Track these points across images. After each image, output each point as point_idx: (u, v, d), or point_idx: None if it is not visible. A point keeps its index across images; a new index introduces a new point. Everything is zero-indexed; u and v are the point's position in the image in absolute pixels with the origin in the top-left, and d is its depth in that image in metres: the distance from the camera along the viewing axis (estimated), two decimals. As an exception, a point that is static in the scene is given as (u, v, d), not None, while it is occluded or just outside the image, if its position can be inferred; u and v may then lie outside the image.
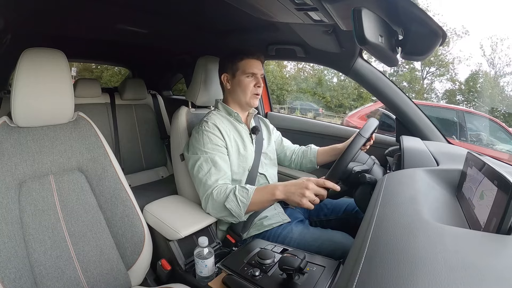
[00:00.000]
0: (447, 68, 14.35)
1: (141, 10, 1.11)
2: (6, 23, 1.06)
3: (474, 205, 0.44)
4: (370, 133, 0.90)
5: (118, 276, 0.78)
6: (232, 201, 0.85)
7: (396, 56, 0.68)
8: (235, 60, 1.03)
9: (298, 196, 0.79)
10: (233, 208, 0.85)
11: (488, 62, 14.16)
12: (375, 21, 0.56)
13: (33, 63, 0.72)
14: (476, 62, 17.96)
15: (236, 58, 1.03)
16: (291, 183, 0.82)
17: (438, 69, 14.50)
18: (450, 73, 14.43)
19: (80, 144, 0.82)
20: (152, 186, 1.76)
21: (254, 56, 1.03)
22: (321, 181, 0.79)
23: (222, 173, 0.92)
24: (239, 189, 0.86)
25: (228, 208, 0.85)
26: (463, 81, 14.06)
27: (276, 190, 0.82)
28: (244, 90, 1.02)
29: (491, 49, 14.02)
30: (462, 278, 0.27)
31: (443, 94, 14.63)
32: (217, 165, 0.91)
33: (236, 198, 0.84)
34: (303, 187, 0.78)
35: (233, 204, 0.85)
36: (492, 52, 13.98)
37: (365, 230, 0.43)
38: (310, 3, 0.71)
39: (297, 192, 0.79)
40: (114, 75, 12.20)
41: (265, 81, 1.72)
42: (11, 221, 0.67)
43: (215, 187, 0.88)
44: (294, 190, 0.80)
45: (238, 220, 0.89)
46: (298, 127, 1.55)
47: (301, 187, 0.79)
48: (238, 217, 0.86)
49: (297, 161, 1.23)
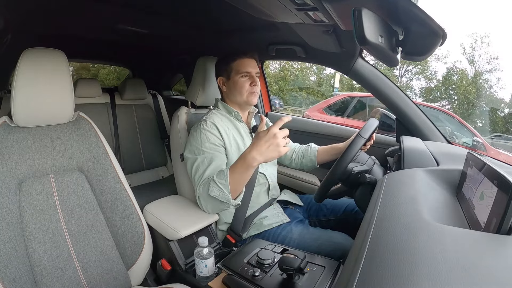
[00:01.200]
0: (425, 66, 14.76)
1: (141, 10, 1.11)
2: (6, 23, 1.06)
3: (474, 205, 0.44)
4: (370, 133, 0.90)
5: (118, 276, 0.78)
6: (214, 187, 0.84)
7: (396, 56, 0.68)
8: (228, 62, 1.03)
9: (274, 148, 0.76)
10: (217, 194, 0.84)
11: (468, 60, 14.46)
12: (375, 21, 0.56)
13: (33, 63, 0.72)
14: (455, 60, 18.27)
15: (229, 60, 1.03)
16: (258, 142, 0.78)
17: (416, 66, 14.90)
18: (429, 71, 14.92)
19: (80, 144, 0.82)
20: (152, 186, 1.77)
21: (247, 55, 1.03)
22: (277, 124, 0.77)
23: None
24: (216, 174, 0.85)
25: (213, 196, 0.84)
26: (440, 78, 14.58)
27: (249, 157, 0.78)
28: (240, 90, 1.01)
29: (471, 47, 14.36)
30: (462, 278, 0.27)
31: (419, 91, 15.26)
32: (213, 165, 0.91)
33: (216, 183, 0.84)
34: (271, 139, 0.76)
35: (216, 191, 0.84)
36: (472, 50, 14.31)
37: (365, 230, 0.43)
38: (310, 3, 0.71)
39: (270, 147, 0.76)
40: (110, 73, 12.42)
41: (265, 81, 1.72)
42: (11, 221, 0.67)
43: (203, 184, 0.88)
44: (266, 147, 0.76)
45: (231, 206, 0.86)
46: (298, 127, 1.55)
47: (269, 140, 0.76)
48: (228, 202, 0.84)
49: (298, 160, 1.22)
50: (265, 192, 1.07)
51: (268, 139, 0.76)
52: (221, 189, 0.83)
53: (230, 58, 1.03)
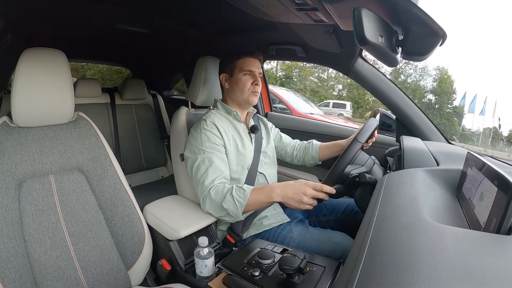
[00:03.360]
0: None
1: (141, 10, 1.11)
2: (6, 23, 1.06)
3: (474, 205, 0.44)
4: (367, 137, 0.90)
5: (118, 276, 0.78)
6: (229, 201, 0.84)
7: (396, 56, 0.67)
8: (233, 59, 1.04)
9: (296, 201, 0.79)
10: (230, 208, 0.84)
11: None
12: (375, 21, 0.56)
13: (33, 63, 0.72)
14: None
15: (234, 58, 1.04)
16: (289, 186, 0.82)
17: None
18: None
19: (80, 144, 0.82)
20: (152, 186, 1.77)
21: (253, 55, 1.04)
22: (319, 186, 0.79)
23: (219, 173, 0.91)
24: (236, 189, 0.86)
25: (225, 208, 0.85)
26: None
27: (273, 193, 0.82)
28: (241, 88, 1.02)
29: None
30: (462, 278, 0.27)
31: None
32: (214, 164, 0.91)
33: (233, 199, 0.84)
34: (300, 193, 0.79)
35: (230, 205, 0.84)
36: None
37: (365, 230, 0.43)
38: (310, 3, 0.71)
39: (295, 197, 0.79)
40: (95, 74, 12.42)
41: (265, 82, 1.72)
42: (11, 221, 0.67)
43: (213, 187, 0.88)
44: (292, 195, 0.80)
45: (235, 220, 0.89)
46: (298, 127, 1.55)
47: (298, 193, 0.79)
48: (236, 217, 0.86)
49: (300, 157, 1.23)
50: (265, 192, 1.07)
51: (299, 192, 0.79)
52: (235, 206, 0.84)
53: (236, 56, 1.04)
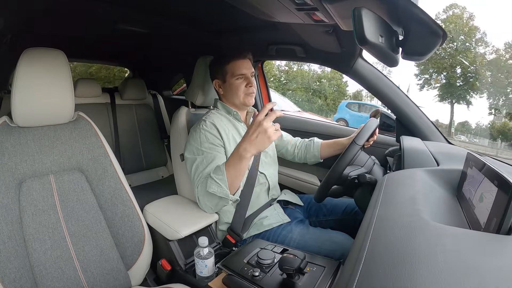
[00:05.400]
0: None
1: (141, 10, 1.11)
2: (6, 23, 1.06)
3: (474, 205, 0.44)
4: (365, 139, 0.90)
5: (118, 276, 0.78)
6: (212, 183, 0.84)
7: (396, 56, 0.67)
8: (222, 64, 1.02)
9: (263, 136, 0.77)
10: (216, 190, 0.84)
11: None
12: (375, 21, 0.56)
13: (33, 63, 0.72)
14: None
15: (223, 62, 1.02)
16: (248, 135, 0.79)
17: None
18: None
19: (80, 144, 0.82)
20: (152, 186, 1.77)
21: (241, 56, 1.02)
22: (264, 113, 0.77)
23: None
24: (213, 171, 0.86)
25: (212, 192, 0.85)
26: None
27: (242, 151, 0.80)
28: (236, 92, 1.01)
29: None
30: (462, 278, 0.27)
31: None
32: (212, 165, 0.91)
33: (214, 179, 0.84)
34: (258, 127, 0.76)
35: (214, 186, 0.84)
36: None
37: (365, 230, 0.43)
38: (310, 3, 0.71)
39: (259, 135, 0.77)
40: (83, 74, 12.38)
41: (265, 81, 1.72)
42: (11, 221, 0.67)
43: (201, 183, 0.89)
44: (255, 135, 0.77)
45: (230, 201, 0.87)
46: (299, 127, 1.55)
47: (257, 128, 0.77)
48: (227, 197, 0.85)
49: (301, 155, 1.23)
50: (265, 192, 1.07)
51: (256, 128, 0.77)
52: (219, 184, 0.83)
53: (224, 60, 1.02)
